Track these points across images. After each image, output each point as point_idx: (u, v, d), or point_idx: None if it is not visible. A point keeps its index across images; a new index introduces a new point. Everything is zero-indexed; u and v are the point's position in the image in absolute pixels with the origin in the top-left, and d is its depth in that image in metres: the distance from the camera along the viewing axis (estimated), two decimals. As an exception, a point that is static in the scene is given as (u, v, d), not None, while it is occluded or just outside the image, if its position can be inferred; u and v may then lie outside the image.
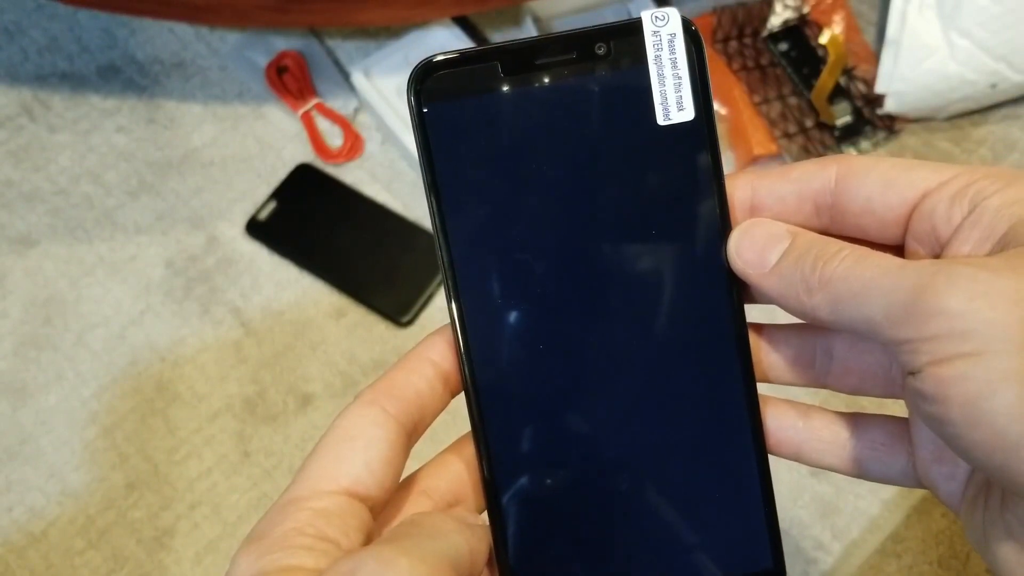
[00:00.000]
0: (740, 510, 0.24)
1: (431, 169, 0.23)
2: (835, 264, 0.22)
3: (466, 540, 0.21)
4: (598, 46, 0.23)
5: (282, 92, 0.66)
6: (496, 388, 0.24)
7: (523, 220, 0.24)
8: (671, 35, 0.23)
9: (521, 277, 0.24)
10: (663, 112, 0.24)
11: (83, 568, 0.53)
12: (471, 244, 0.24)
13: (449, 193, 0.24)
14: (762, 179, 0.24)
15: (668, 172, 0.24)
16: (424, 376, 0.24)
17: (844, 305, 0.21)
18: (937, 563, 0.51)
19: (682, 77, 0.23)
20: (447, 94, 0.23)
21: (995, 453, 0.18)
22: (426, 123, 0.23)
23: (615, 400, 0.24)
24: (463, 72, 0.23)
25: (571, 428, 0.24)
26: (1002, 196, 0.21)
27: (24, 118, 0.67)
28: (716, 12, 0.66)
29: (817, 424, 0.25)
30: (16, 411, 0.58)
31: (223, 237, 0.63)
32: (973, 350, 0.18)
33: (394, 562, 0.18)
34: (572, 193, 0.24)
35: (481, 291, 0.24)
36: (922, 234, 0.22)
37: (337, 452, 0.22)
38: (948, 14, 0.58)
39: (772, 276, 0.23)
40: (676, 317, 0.24)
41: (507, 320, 0.24)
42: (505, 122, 0.23)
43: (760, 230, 0.24)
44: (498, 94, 0.23)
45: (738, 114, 0.63)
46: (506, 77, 0.23)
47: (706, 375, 0.24)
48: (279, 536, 0.20)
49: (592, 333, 0.24)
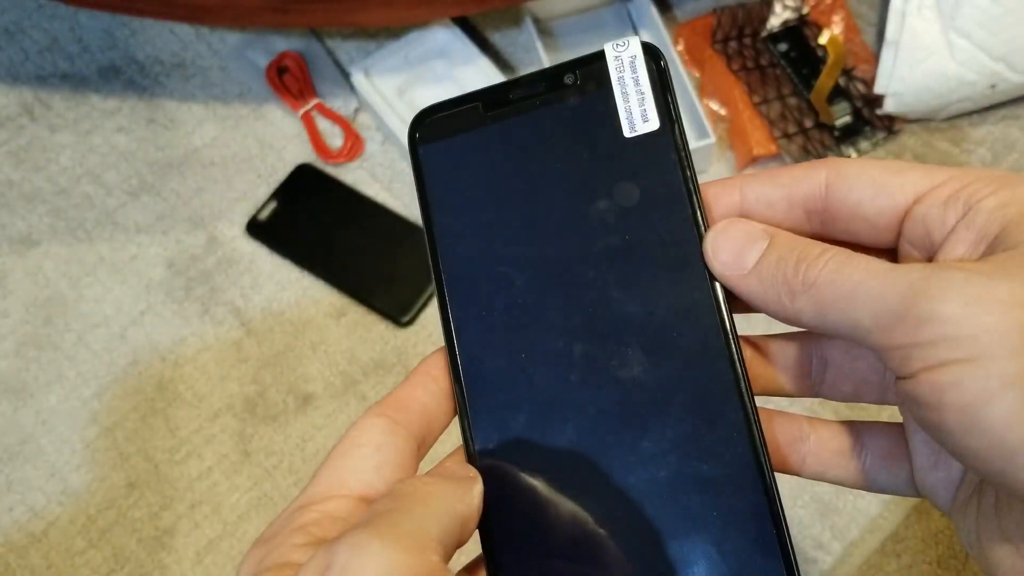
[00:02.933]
0: (749, 534, 0.23)
1: (426, 205, 0.26)
2: (819, 266, 0.21)
3: (455, 502, 0.21)
4: (566, 77, 0.26)
5: (282, 92, 0.66)
6: (486, 404, 0.24)
7: (510, 237, 0.25)
8: (632, 57, 0.25)
9: (510, 292, 0.25)
10: (629, 125, 0.25)
11: (84, 568, 0.54)
12: (463, 261, 0.25)
13: (441, 221, 0.26)
14: (751, 183, 0.24)
15: (639, 181, 0.25)
16: (428, 391, 0.24)
17: (830, 309, 0.21)
18: (936, 563, 0.51)
19: (644, 92, 0.25)
20: (439, 135, 0.26)
21: (993, 459, 0.18)
22: (420, 162, 0.26)
23: (608, 420, 0.24)
24: (450, 115, 0.26)
25: (562, 448, 0.24)
26: (995, 198, 0.20)
27: (25, 118, 0.67)
28: (716, 12, 0.66)
29: (824, 436, 0.25)
30: (17, 411, 0.58)
31: (223, 237, 0.63)
32: (968, 356, 0.18)
33: (367, 547, 0.18)
34: (553, 210, 0.25)
35: (471, 300, 0.25)
36: (916, 238, 0.22)
37: (347, 458, 0.22)
38: (947, 14, 0.58)
39: (751, 278, 0.23)
40: (663, 326, 0.24)
41: (497, 335, 0.25)
42: (489, 152, 0.26)
43: (736, 229, 0.23)
44: (481, 129, 0.26)
45: (738, 114, 0.63)
46: (487, 114, 0.26)
47: (699, 387, 0.24)
48: (282, 537, 0.20)
49: (582, 348, 0.24)
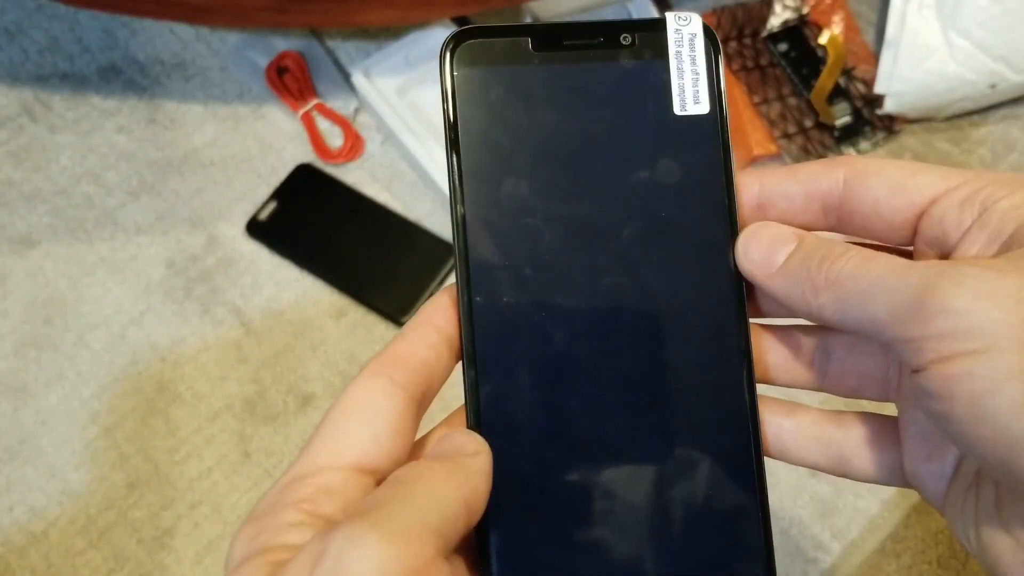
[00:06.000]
0: (734, 519, 0.24)
1: (454, 128, 0.24)
2: (842, 264, 0.22)
3: (459, 486, 0.20)
4: (623, 36, 0.25)
5: (282, 92, 0.66)
6: (495, 359, 0.24)
7: (536, 189, 0.24)
8: (692, 35, 0.25)
9: (534, 244, 0.24)
10: (680, 103, 0.25)
11: (84, 568, 0.54)
12: (484, 205, 0.24)
13: (469, 155, 0.24)
14: (769, 177, 0.25)
15: (681, 160, 0.25)
16: (429, 343, 0.23)
17: (850, 304, 0.21)
18: (936, 563, 0.51)
19: (699, 73, 0.25)
20: (478, 61, 0.25)
21: (999, 449, 0.19)
22: (454, 86, 0.25)
23: (616, 389, 0.24)
24: (495, 43, 0.25)
25: (567, 417, 0.24)
26: (1010, 200, 0.21)
27: (25, 118, 0.67)
28: (716, 12, 0.66)
29: (803, 421, 0.25)
30: (17, 411, 0.58)
31: (223, 237, 0.63)
32: (978, 348, 0.19)
33: (362, 539, 0.17)
34: (587, 168, 0.25)
35: (489, 254, 0.24)
36: (932, 238, 0.23)
37: (343, 425, 0.22)
38: (947, 14, 0.58)
39: (778, 276, 0.23)
40: (681, 304, 0.24)
41: (512, 288, 0.24)
42: (529, 94, 0.25)
43: (768, 232, 0.24)
44: (527, 67, 0.25)
45: (738, 114, 0.63)
46: (535, 52, 0.25)
47: (709, 370, 0.24)
48: (274, 515, 0.20)
49: (599, 314, 0.24)
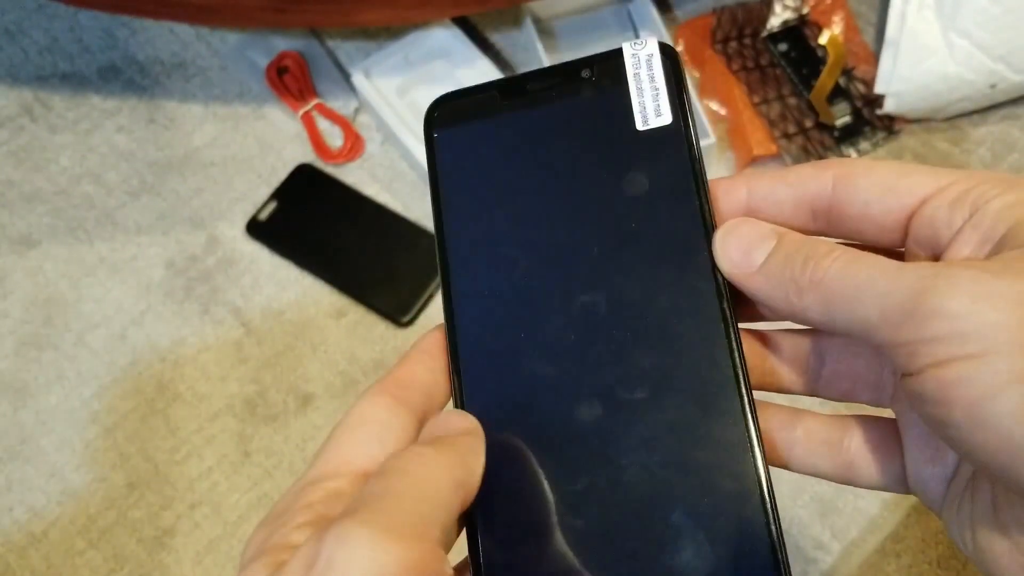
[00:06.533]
0: (741, 526, 0.23)
1: (437, 187, 0.26)
2: (827, 264, 0.21)
3: (450, 468, 0.20)
4: (584, 71, 0.26)
5: (282, 92, 0.66)
6: (482, 384, 0.24)
7: (518, 221, 0.25)
8: (648, 55, 0.26)
9: (514, 275, 0.25)
10: (642, 119, 0.25)
11: (84, 568, 0.54)
12: (469, 243, 0.25)
13: (451, 203, 0.26)
14: (758, 182, 0.24)
15: (649, 171, 0.25)
16: (427, 368, 0.24)
17: (837, 306, 0.21)
18: (936, 563, 0.51)
19: (659, 88, 0.25)
20: (454, 120, 0.26)
21: (999, 454, 0.18)
22: (435, 145, 0.26)
23: (607, 408, 0.24)
24: (468, 102, 0.27)
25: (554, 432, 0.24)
26: (1002, 200, 0.21)
27: (25, 118, 0.67)
28: (716, 12, 0.66)
29: (811, 427, 0.25)
30: (17, 411, 0.58)
31: (223, 237, 0.63)
32: (976, 352, 0.18)
33: (352, 538, 0.17)
34: (563, 197, 0.25)
35: (474, 286, 0.25)
36: (923, 239, 0.22)
37: (351, 436, 0.22)
38: (947, 14, 0.58)
39: (759, 276, 0.23)
40: (666, 316, 0.24)
41: (498, 317, 0.25)
42: (503, 139, 0.26)
43: (746, 228, 0.23)
44: (497, 117, 0.26)
45: (737, 114, 0.63)
46: (503, 102, 0.26)
47: (698, 377, 0.24)
48: (285, 517, 0.20)
49: (583, 335, 0.24)
